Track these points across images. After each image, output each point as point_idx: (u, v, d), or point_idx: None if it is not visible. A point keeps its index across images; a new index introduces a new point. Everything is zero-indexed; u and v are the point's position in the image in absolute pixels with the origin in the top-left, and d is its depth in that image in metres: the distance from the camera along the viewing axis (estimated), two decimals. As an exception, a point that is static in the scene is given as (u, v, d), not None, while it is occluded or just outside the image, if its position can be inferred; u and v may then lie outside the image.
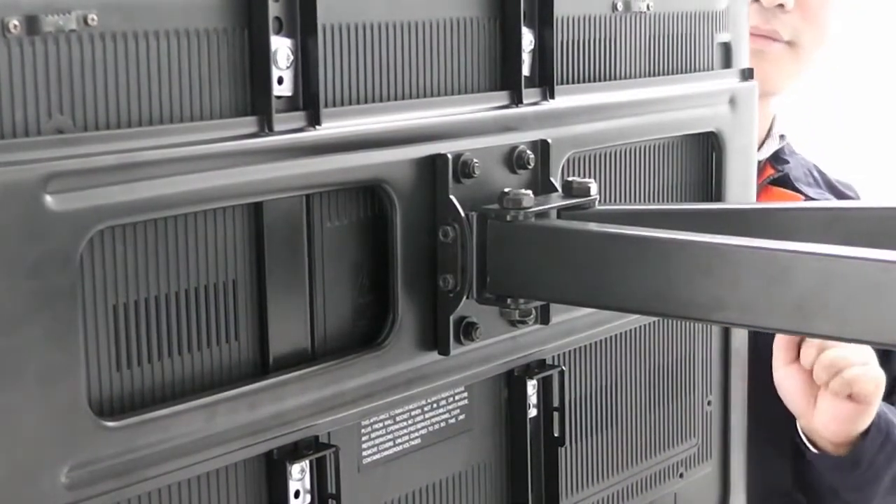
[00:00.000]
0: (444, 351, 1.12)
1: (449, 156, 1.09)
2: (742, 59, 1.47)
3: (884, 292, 0.90)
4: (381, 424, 1.12)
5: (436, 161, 1.09)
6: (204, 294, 0.97)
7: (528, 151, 1.16)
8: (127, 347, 0.92)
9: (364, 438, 1.11)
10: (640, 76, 1.33)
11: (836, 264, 0.92)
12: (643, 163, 1.35)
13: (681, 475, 1.47)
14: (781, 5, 1.98)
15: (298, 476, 1.03)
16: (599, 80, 1.29)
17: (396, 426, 1.14)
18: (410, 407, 1.15)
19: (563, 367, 1.27)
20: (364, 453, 1.11)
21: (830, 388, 1.73)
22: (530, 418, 1.25)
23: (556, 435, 1.26)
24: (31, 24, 0.84)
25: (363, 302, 1.09)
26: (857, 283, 0.91)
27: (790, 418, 1.86)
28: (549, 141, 1.18)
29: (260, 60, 0.97)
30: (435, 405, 1.17)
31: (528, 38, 1.19)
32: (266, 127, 0.98)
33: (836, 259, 0.92)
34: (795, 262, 0.94)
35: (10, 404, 0.83)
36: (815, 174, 2.14)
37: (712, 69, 1.43)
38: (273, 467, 1.03)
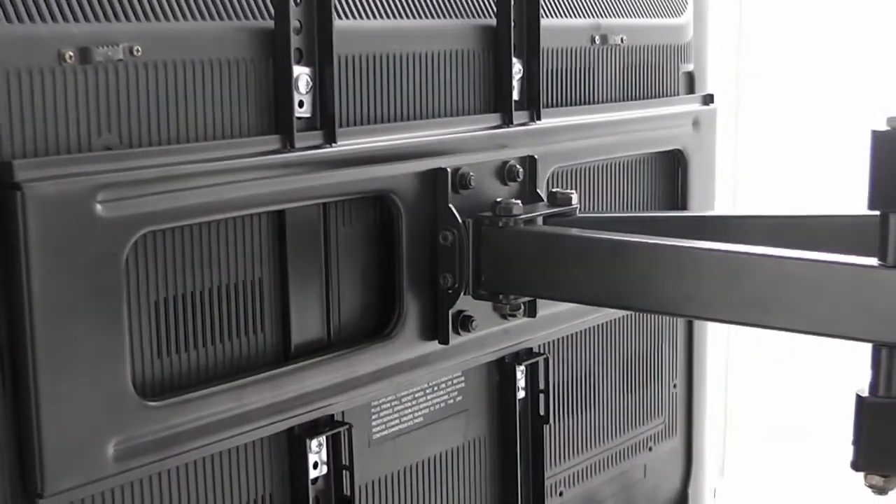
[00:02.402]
0: (444, 340, 1.11)
1: (448, 169, 1.09)
2: (704, 86, 1.47)
3: (828, 289, 0.90)
4: (388, 404, 1.12)
5: (437, 174, 1.09)
6: (234, 290, 0.97)
7: (518, 166, 1.16)
8: (167, 337, 0.92)
9: (374, 417, 1.11)
10: (615, 100, 1.33)
11: (787, 265, 0.92)
12: (618, 176, 1.35)
13: (650, 449, 1.47)
14: None
15: (316, 450, 1.03)
16: (580, 104, 1.29)
17: (402, 406, 1.14)
18: (414, 389, 1.14)
19: (548, 355, 1.27)
20: (374, 430, 1.11)
21: None
22: (519, 399, 1.25)
23: (541, 414, 1.26)
24: (84, 54, 0.84)
25: (373, 297, 1.09)
26: (805, 281, 0.91)
27: None
28: (536, 157, 1.17)
29: (283, 86, 0.97)
30: (436, 388, 1.17)
31: (517, 67, 1.19)
32: (288, 144, 0.98)
33: (787, 260, 0.92)
34: (751, 262, 0.94)
35: (64, 386, 0.83)
36: None
37: (678, 95, 1.43)
38: (294, 442, 1.03)
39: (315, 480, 1.03)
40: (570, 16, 1.27)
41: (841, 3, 2.31)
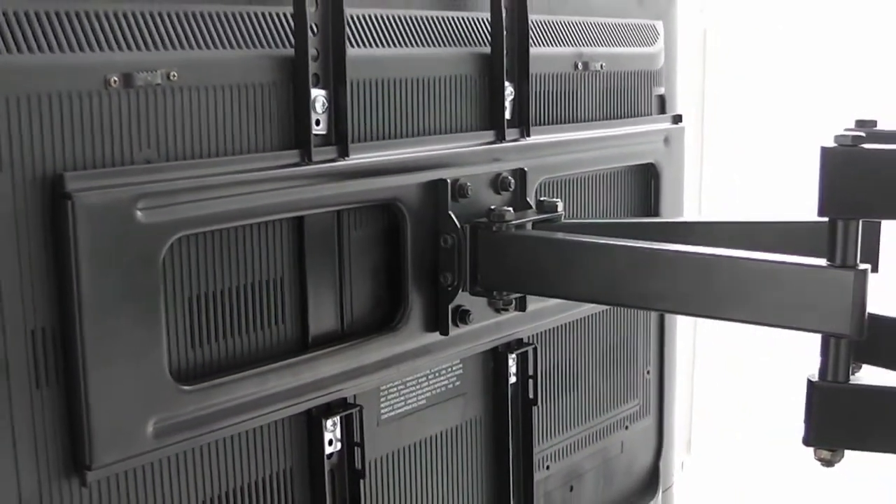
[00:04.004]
0: (444, 332, 1.11)
1: (448, 180, 1.09)
2: (674, 107, 1.47)
3: (783, 286, 0.90)
4: (395, 388, 1.12)
5: (438, 184, 1.09)
6: (258, 288, 0.97)
7: (510, 177, 1.16)
8: (199, 329, 0.92)
9: (382, 399, 1.11)
10: (595, 120, 1.33)
11: (747, 265, 0.92)
12: (598, 186, 1.35)
13: (626, 427, 1.47)
14: None
15: (331, 429, 1.03)
16: (565, 123, 1.29)
17: (407, 390, 1.14)
18: (418, 375, 1.14)
19: (536, 345, 1.27)
20: (382, 411, 1.11)
21: None
22: (510, 384, 1.25)
23: (530, 397, 1.26)
24: (127, 79, 0.84)
25: (381, 293, 1.09)
26: (762, 279, 0.91)
27: None
28: (526, 169, 1.18)
29: (301, 107, 0.97)
30: (437, 374, 1.17)
31: (509, 90, 1.19)
32: (306, 158, 0.98)
33: (747, 261, 0.92)
34: (715, 263, 0.94)
35: (109, 373, 0.83)
36: None
37: (651, 115, 1.43)
38: (311, 422, 1.03)
39: (330, 456, 1.04)
40: (556, 45, 1.27)
41: (794, 33, 2.32)
